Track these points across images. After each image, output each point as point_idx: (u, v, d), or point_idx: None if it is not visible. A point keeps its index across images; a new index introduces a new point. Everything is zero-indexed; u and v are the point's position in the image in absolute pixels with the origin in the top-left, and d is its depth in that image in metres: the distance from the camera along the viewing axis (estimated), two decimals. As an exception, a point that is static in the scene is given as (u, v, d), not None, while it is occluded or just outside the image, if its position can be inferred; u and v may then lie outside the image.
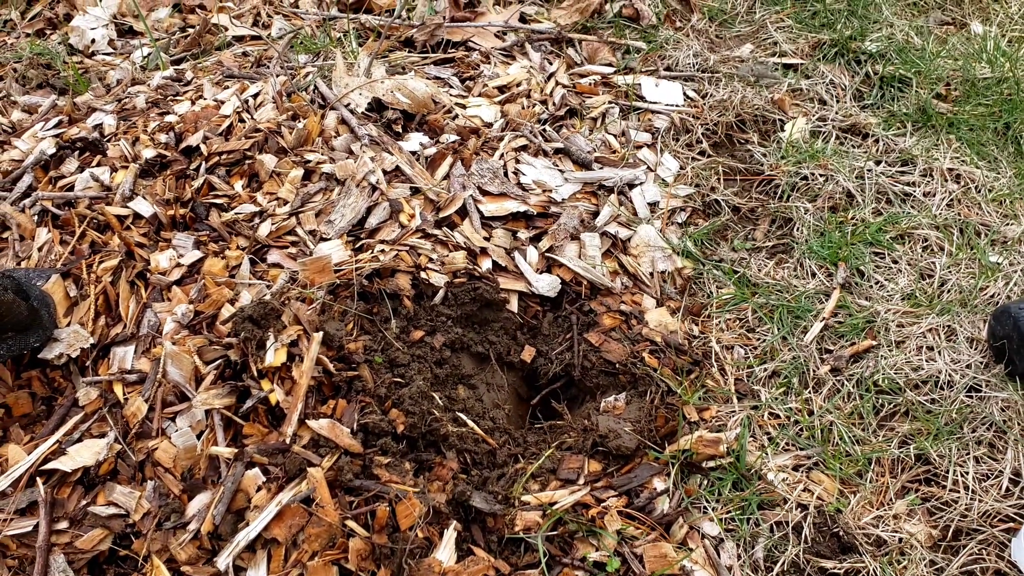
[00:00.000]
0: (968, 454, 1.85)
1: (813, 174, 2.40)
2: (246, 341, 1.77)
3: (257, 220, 2.06)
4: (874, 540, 1.76)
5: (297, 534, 1.65)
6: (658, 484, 1.85)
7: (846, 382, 2.00)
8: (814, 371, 2.03)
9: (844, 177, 2.38)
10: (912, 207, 2.35)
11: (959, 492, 1.80)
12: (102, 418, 1.80)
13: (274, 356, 1.77)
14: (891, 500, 1.82)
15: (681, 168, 2.46)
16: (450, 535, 1.70)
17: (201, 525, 1.66)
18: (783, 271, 2.22)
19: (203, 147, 2.22)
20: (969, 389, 1.95)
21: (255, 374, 1.77)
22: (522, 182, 2.29)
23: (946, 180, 2.41)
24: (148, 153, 2.22)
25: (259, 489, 1.69)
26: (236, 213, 2.07)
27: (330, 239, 2.02)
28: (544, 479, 1.89)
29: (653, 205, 2.35)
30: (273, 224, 2.05)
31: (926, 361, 2.00)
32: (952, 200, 2.35)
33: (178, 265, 1.98)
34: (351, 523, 1.65)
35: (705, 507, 1.83)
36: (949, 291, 2.15)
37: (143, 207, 2.09)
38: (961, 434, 1.87)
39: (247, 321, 1.77)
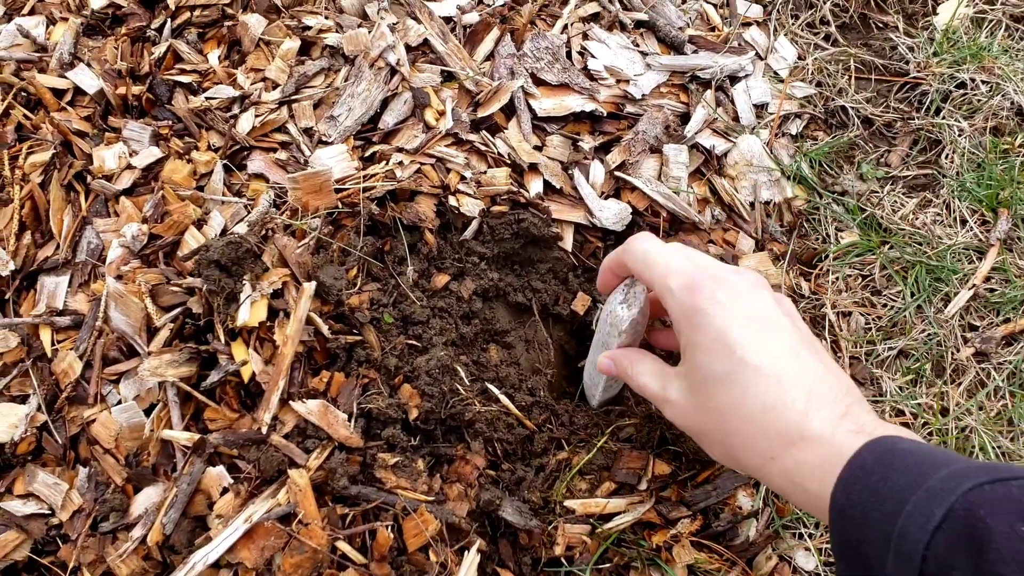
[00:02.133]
0: None
1: (974, 80, 1.81)
2: (212, 294, 1.31)
3: (236, 109, 1.54)
4: (1018, 597, 1.35)
5: (272, 557, 1.25)
6: (744, 501, 1.43)
7: (994, 373, 1.53)
8: (953, 355, 1.55)
9: (1015, 87, 1.79)
10: (1103, 134, 1.78)
11: None
12: (24, 374, 1.38)
13: (250, 313, 1.31)
14: (1042, 540, 1.40)
15: (800, 58, 1.88)
16: (471, 560, 1.30)
17: (148, 532, 1.27)
18: (925, 215, 1.69)
19: (170, -4, 1.66)
20: None
21: (223, 337, 1.32)
22: (590, 68, 1.73)
23: None
24: (97, 1, 1.66)
25: (224, 491, 1.28)
26: (209, 98, 1.54)
27: (332, 143, 1.50)
28: (594, 478, 1.46)
29: (760, 108, 1.79)
30: (258, 117, 1.52)
31: (1105, 353, 1.52)
32: None
33: (129, 167, 1.48)
34: (343, 546, 1.25)
35: (800, 533, 1.42)
36: None
37: (86, 79, 1.56)
38: None
39: (213, 267, 1.30)
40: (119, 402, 1.34)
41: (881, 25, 1.92)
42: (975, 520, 0.59)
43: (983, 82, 1.80)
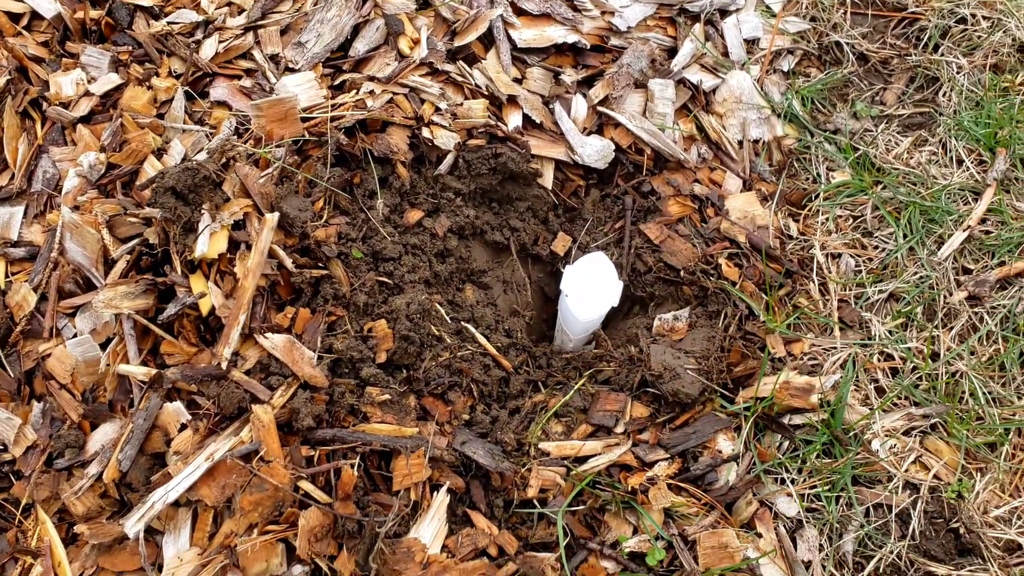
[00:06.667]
0: None
1: (975, 15, 1.73)
2: (168, 222, 1.25)
3: (199, 34, 1.47)
4: (1004, 544, 1.31)
5: (232, 496, 1.21)
6: (724, 444, 1.38)
7: (987, 317, 1.47)
8: (946, 298, 1.50)
9: (1017, 23, 1.72)
10: (1106, 72, 1.71)
11: None
12: (-23, 307, 1.32)
13: (209, 245, 1.25)
14: (1032, 487, 1.36)
15: (793, -8, 1.80)
16: (440, 501, 1.26)
17: (104, 469, 1.22)
18: (920, 154, 1.63)
19: (133, -83, 1.58)
20: None
21: (180, 269, 1.26)
22: (574, -1, 1.66)
23: None
24: (55, -80, 1.58)
25: (182, 428, 1.23)
26: (171, 23, 1.47)
27: (299, 70, 1.44)
28: (571, 420, 1.42)
29: (751, 43, 1.72)
30: (221, 43, 1.45)
31: (1102, 297, 1.47)
32: None
33: (87, 94, 1.42)
34: (305, 485, 1.20)
35: (783, 478, 1.38)
36: None
37: (43, 3, 1.49)
38: None
39: (169, 194, 1.24)
40: (75, 336, 1.29)
41: (880, -42, 1.85)
42: None
43: (984, 17, 1.73)
